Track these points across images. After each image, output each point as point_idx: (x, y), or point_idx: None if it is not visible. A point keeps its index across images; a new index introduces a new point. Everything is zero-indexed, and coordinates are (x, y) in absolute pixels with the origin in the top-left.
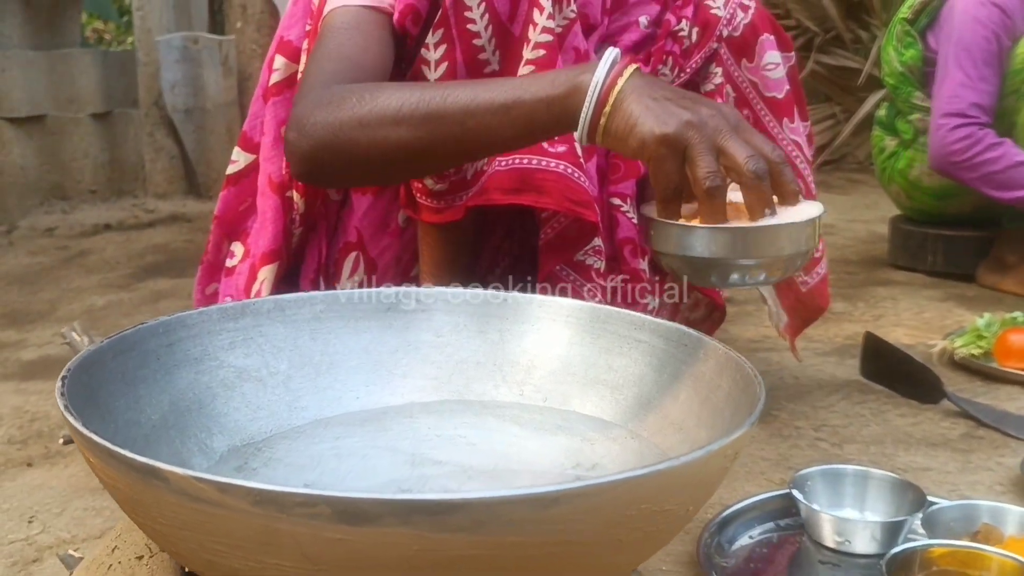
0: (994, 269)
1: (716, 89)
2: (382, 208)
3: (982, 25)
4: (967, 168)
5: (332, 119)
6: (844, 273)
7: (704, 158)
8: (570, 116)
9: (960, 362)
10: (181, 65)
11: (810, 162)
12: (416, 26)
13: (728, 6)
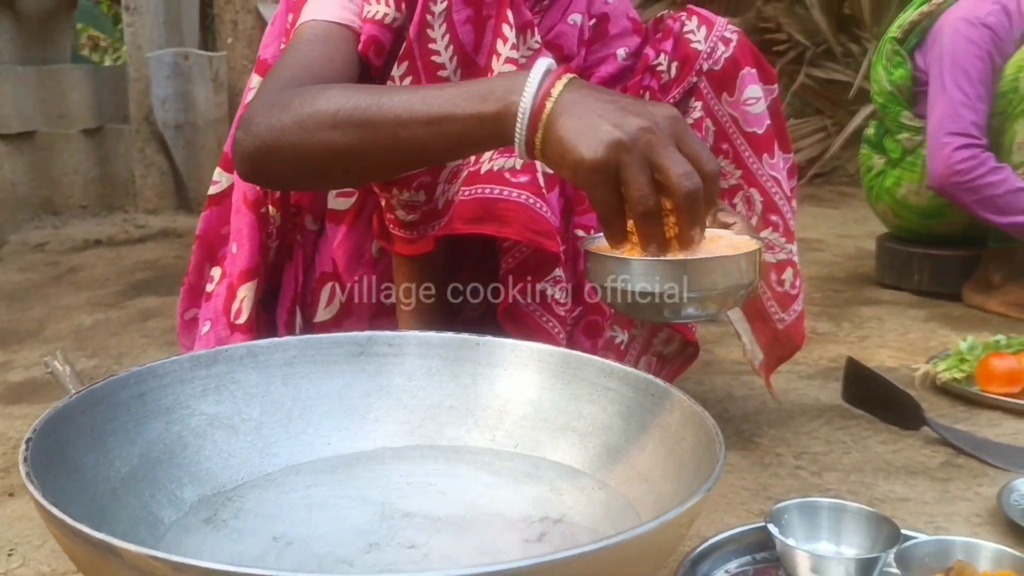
0: (979, 289)
1: (695, 123)
2: (356, 238)
3: (976, 45)
4: (968, 190)
5: (276, 121)
6: (831, 291)
7: (636, 180)
8: (504, 135)
9: (942, 386)
10: (172, 81)
11: (789, 198)
12: (379, 58)
13: (709, 40)
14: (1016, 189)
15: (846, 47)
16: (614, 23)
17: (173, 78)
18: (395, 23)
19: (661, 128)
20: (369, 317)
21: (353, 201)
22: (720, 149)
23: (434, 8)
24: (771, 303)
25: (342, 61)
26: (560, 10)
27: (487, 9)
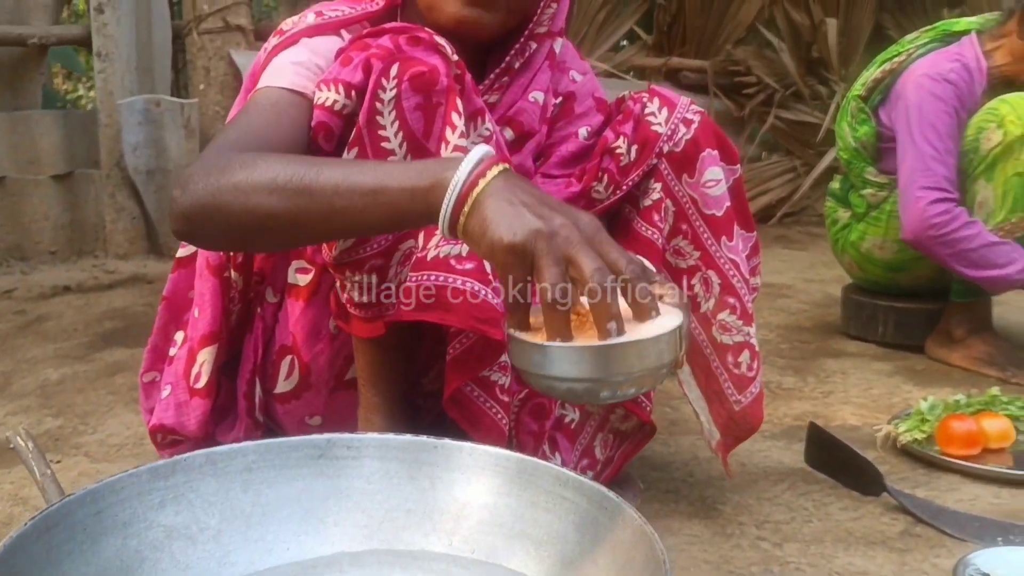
0: (942, 343)
1: (654, 204)
2: (313, 314)
3: (942, 101)
4: (943, 244)
5: (213, 182)
6: (797, 341)
7: (550, 269)
8: (433, 210)
9: (904, 448)
10: (143, 127)
11: (747, 280)
12: (329, 143)
13: (670, 122)
14: (989, 243)
15: (814, 89)
16: (580, 102)
17: (145, 124)
18: (345, 110)
19: (584, 227)
20: (328, 391)
21: (311, 278)
22: (680, 230)
23: (383, 96)
24: (728, 385)
25: (290, 126)
26: (521, 88)
27: (437, 97)
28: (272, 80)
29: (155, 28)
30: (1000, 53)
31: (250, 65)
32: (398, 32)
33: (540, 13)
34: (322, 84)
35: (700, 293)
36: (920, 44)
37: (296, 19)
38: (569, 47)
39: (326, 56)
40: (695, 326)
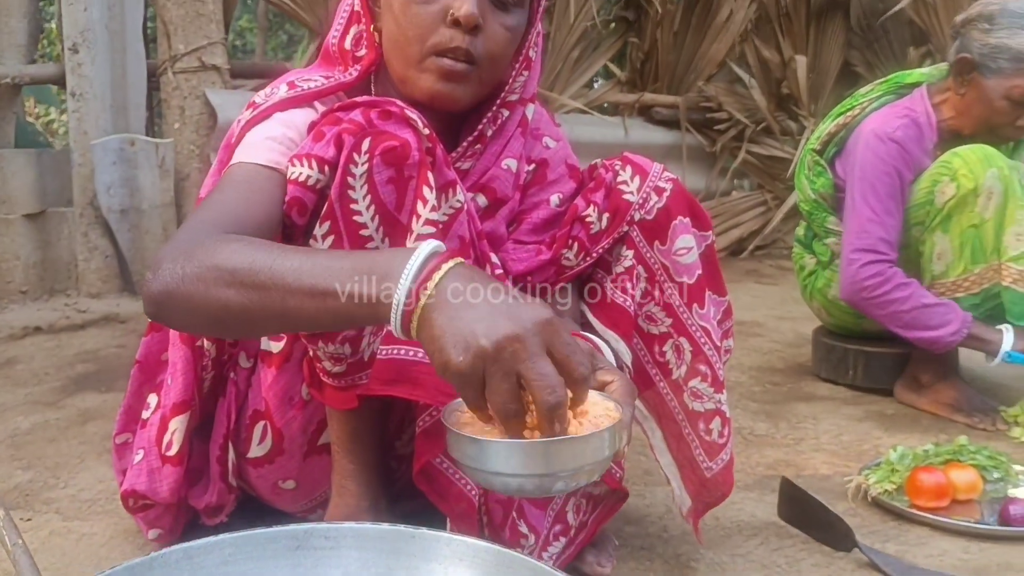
0: (910, 387)
1: (626, 271)
2: (285, 382)
3: (883, 161)
4: (876, 305)
5: (179, 269)
6: (769, 383)
7: (499, 388)
8: (382, 319)
9: (874, 500)
10: (117, 167)
11: (718, 347)
12: (302, 217)
13: (642, 190)
14: (922, 306)
15: (784, 124)
16: (552, 169)
17: (119, 164)
18: (318, 184)
19: (531, 335)
20: (301, 456)
21: (283, 345)
22: (652, 296)
23: (355, 170)
24: (699, 452)
25: (263, 203)
26: (494, 155)
27: (409, 170)
28: (245, 156)
29: (130, 67)
30: (946, 106)
31: (225, 105)
32: (370, 106)
33: (512, 81)
34: (295, 159)
35: (672, 360)
36: (874, 97)
37: (268, 91)
38: (543, 113)
39: (299, 129)
40: (667, 392)
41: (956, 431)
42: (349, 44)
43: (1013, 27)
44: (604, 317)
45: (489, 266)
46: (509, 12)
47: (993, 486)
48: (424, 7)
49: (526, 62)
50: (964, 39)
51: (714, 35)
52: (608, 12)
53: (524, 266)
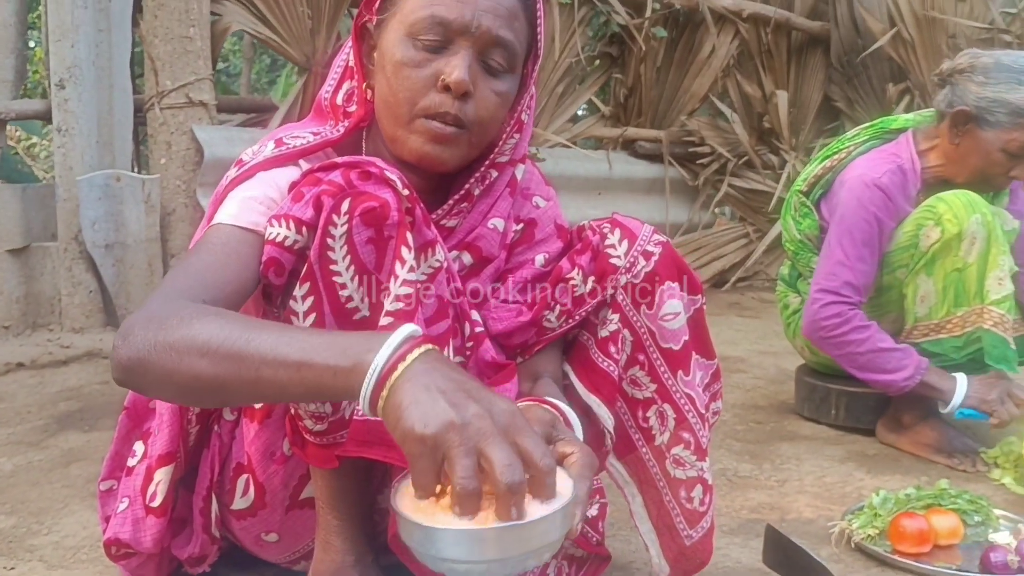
0: (891, 428)
1: (611, 336)
2: (267, 437)
3: (864, 208)
4: (833, 345)
5: (150, 337)
6: (753, 422)
7: (461, 462)
8: (354, 391)
9: (858, 546)
10: (102, 202)
11: (702, 415)
12: (279, 277)
13: (630, 254)
14: (877, 349)
15: (766, 158)
16: (540, 228)
17: (104, 199)
18: (296, 245)
19: (496, 419)
20: (283, 510)
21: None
22: (637, 360)
23: (335, 231)
24: (680, 519)
25: (239, 266)
26: (481, 214)
27: (388, 230)
28: (225, 216)
29: (116, 103)
30: (934, 154)
31: (212, 141)
32: (350, 166)
33: (503, 143)
34: (273, 220)
35: (655, 426)
36: (860, 141)
37: (256, 148)
38: (534, 172)
39: (281, 189)
40: (649, 458)
41: (937, 472)
42: (341, 99)
43: (1010, 81)
44: (588, 381)
45: (469, 324)
46: (500, 78)
47: (974, 530)
48: (416, 71)
49: (518, 125)
50: (957, 89)
51: (696, 71)
52: (592, 48)
53: (504, 326)
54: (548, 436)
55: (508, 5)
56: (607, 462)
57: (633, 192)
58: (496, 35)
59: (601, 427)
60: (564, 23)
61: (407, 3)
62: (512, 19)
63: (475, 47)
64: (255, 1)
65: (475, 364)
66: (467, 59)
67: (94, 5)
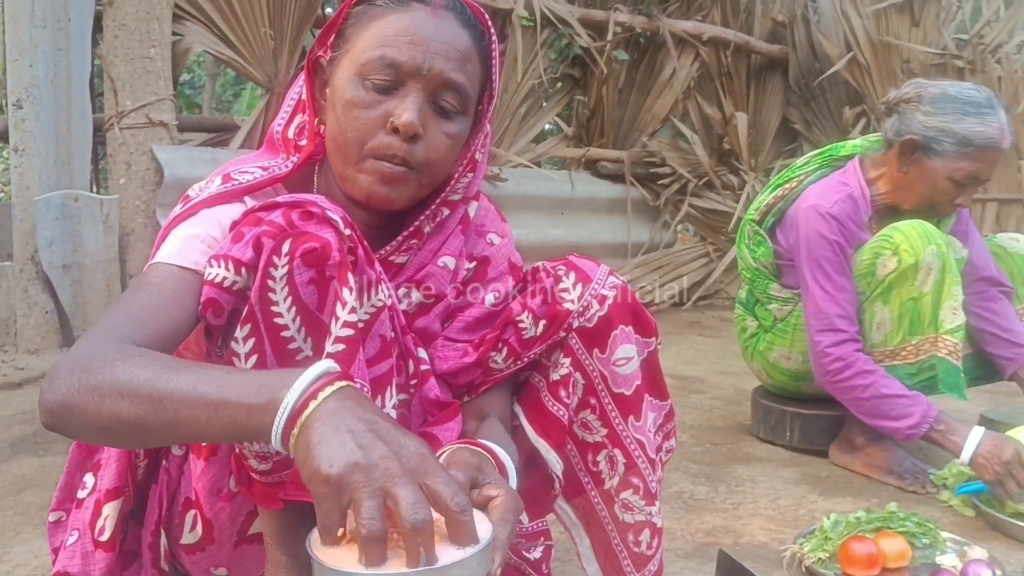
0: (844, 449)
1: (562, 379)
2: (213, 474)
3: (824, 239)
4: (839, 390)
5: (75, 380)
6: (710, 443)
7: (365, 504)
8: (268, 428)
9: (808, 569)
10: (60, 222)
11: (652, 461)
12: (218, 317)
13: (584, 298)
14: (881, 396)
15: (725, 179)
16: (494, 267)
17: (61, 219)
18: (235, 286)
19: (404, 461)
20: (232, 545)
21: None
22: (588, 404)
23: (275, 273)
24: (627, 563)
25: (175, 307)
26: (431, 252)
27: (330, 271)
28: (165, 255)
29: (75, 122)
30: (882, 182)
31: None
32: (291, 207)
33: (455, 182)
34: (212, 260)
35: (605, 471)
36: (810, 170)
37: (203, 184)
38: (489, 208)
39: (223, 227)
40: (598, 501)
41: (888, 494)
42: (292, 133)
43: (956, 112)
44: (538, 425)
45: (414, 362)
46: (451, 120)
47: (922, 553)
48: (365, 111)
49: (471, 164)
50: (905, 118)
51: (658, 92)
52: (555, 70)
53: (449, 365)
54: (473, 480)
55: (461, 48)
56: (556, 504)
57: (595, 212)
58: (448, 78)
59: (550, 471)
60: (527, 45)
61: (359, 42)
62: (465, 62)
63: (426, 89)
64: (217, 22)
65: (419, 402)
66: (417, 101)
67: (53, 25)
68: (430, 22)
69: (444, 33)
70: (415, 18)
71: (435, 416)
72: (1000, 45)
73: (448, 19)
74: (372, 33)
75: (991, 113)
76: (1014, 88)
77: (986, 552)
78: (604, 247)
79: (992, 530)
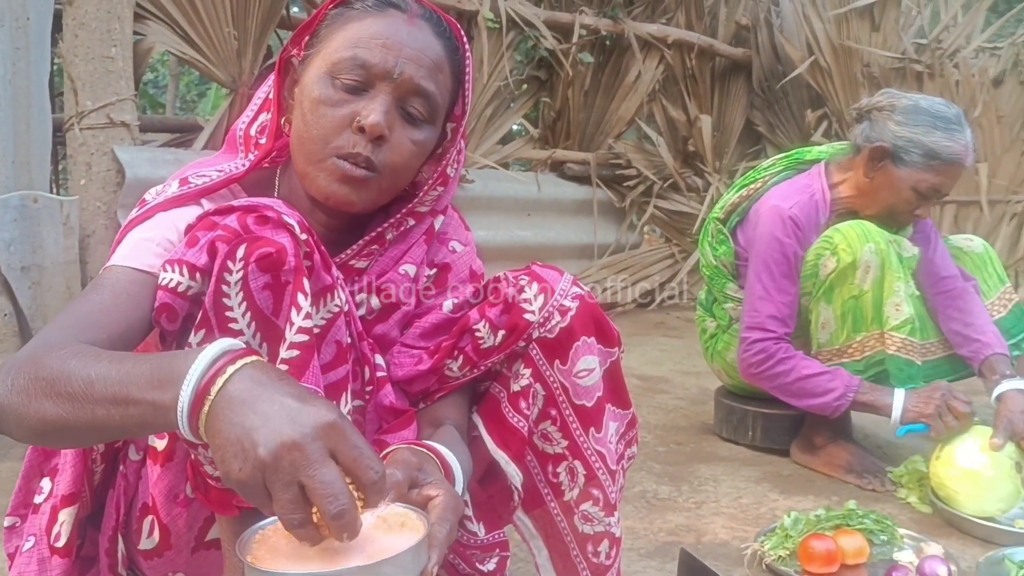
0: (805, 449)
1: (522, 391)
2: (170, 480)
3: (777, 240)
4: (764, 379)
5: (11, 382)
6: (674, 443)
7: (280, 498)
8: (173, 423)
9: (769, 567)
10: (19, 224)
11: (612, 472)
12: (172, 323)
13: (545, 309)
14: (803, 376)
15: (690, 181)
16: (454, 273)
17: (20, 220)
18: (189, 291)
19: (311, 442)
20: (189, 551)
21: (166, 443)
22: (548, 415)
23: (230, 278)
24: (585, 573)
25: (128, 309)
26: (393, 259)
27: (285, 276)
28: (120, 258)
29: (34, 122)
30: (846, 186)
31: (137, 182)
32: (247, 211)
33: (424, 194)
34: (167, 264)
35: (565, 482)
36: (775, 172)
37: (161, 188)
38: (453, 216)
39: (179, 230)
40: (557, 512)
41: (847, 492)
42: (255, 131)
43: (927, 125)
44: (497, 436)
45: (370, 368)
46: (418, 127)
47: (880, 549)
48: (332, 109)
49: (443, 178)
50: (876, 126)
51: (623, 95)
52: (521, 72)
53: (404, 372)
54: (413, 479)
55: (433, 57)
56: (515, 516)
57: (562, 213)
58: (417, 84)
59: (509, 483)
60: (492, 47)
61: (332, 42)
62: (436, 71)
63: (395, 93)
64: (180, 21)
65: (374, 409)
66: (386, 104)
67: (11, 23)
68: (405, 28)
69: (418, 41)
70: (390, 23)
71: (390, 423)
72: (958, 50)
73: (423, 28)
74: (346, 34)
75: (959, 130)
76: (971, 92)
77: (942, 548)
78: (570, 248)
79: (948, 527)
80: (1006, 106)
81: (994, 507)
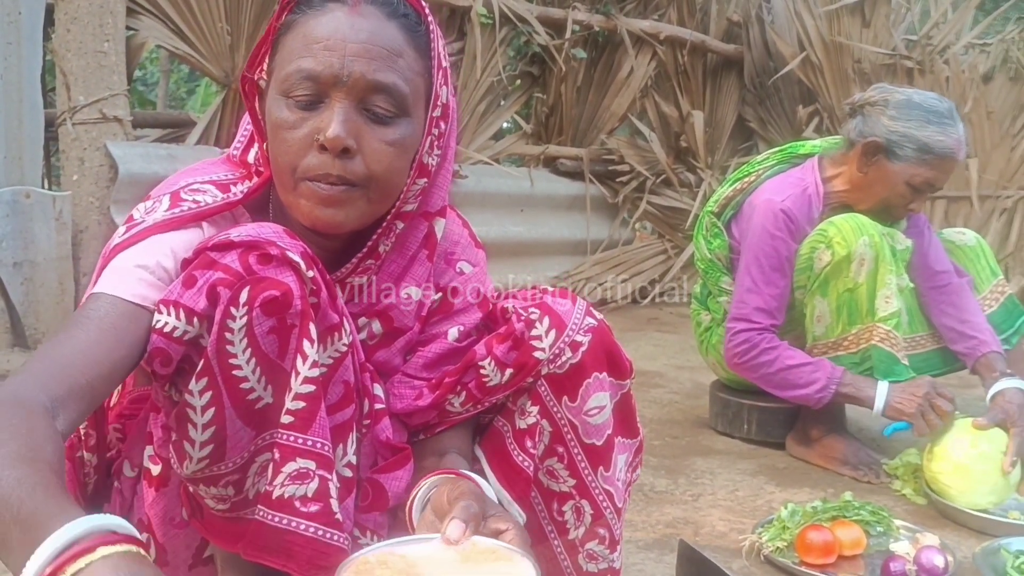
0: (800, 441)
1: (529, 429)
2: (165, 504)
3: (769, 233)
4: (748, 370)
5: None
6: (669, 437)
7: None
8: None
9: (767, 558)
10: (11, 219)
11: (619, 510)
12: (165, 367)
13: (556, 346)
14: (786, 367)
15: (683, 176)
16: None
17: (12, 216)
18: (186, 336)
19: None
20: (187, 567)
21: (160, 469)
22: (555, 451)
23: (233, 324)
24: None
25: (116, 345)
26: (394, 274)
27: (291, 319)
28: (109, 286)
29: (26, 117)
30: (839, 180)
31: (130, 177)
32: (248, 248)
33: (406, 190)
34: (161, 305)
35: (571, 521)
36: (769, 165)
37: (150, 204)
38: (463, 234)
39: (177, 257)
40: (561, 551)
41: (843, 484)
42: (252, 159)
43: (920, 119)
44: (501, 475)
45: (368, 399)
46: (389, 125)
47: (876, 540)
48: (291, 132)
49: (419, 169)
50: (869, 120)
51: (616, 91)
52: (514, 67)
53: (403, 406)
54: (482, 511)
55: (386, 44)
56: None
57: (555, 209)
58: (372, 80)
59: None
60: (486, 43)
61: (281, 58)
62: (393, 58)
63: (351, 97)
64: (172, 16)
65: (370, 443)
66: (342, 113)
67: (3, 18)
68: (346, 22)
69: (363, 31)
70: (330, 20)
71: (385, 460)
72: (948, 46)
73: (369, 14)
74: (292, 44)
75: (951, 125)
76: (961, 88)
77: (938, 539)
78: (563, 244)
79: (943, 518)
80: (995, 102)
81: (986, 500)
